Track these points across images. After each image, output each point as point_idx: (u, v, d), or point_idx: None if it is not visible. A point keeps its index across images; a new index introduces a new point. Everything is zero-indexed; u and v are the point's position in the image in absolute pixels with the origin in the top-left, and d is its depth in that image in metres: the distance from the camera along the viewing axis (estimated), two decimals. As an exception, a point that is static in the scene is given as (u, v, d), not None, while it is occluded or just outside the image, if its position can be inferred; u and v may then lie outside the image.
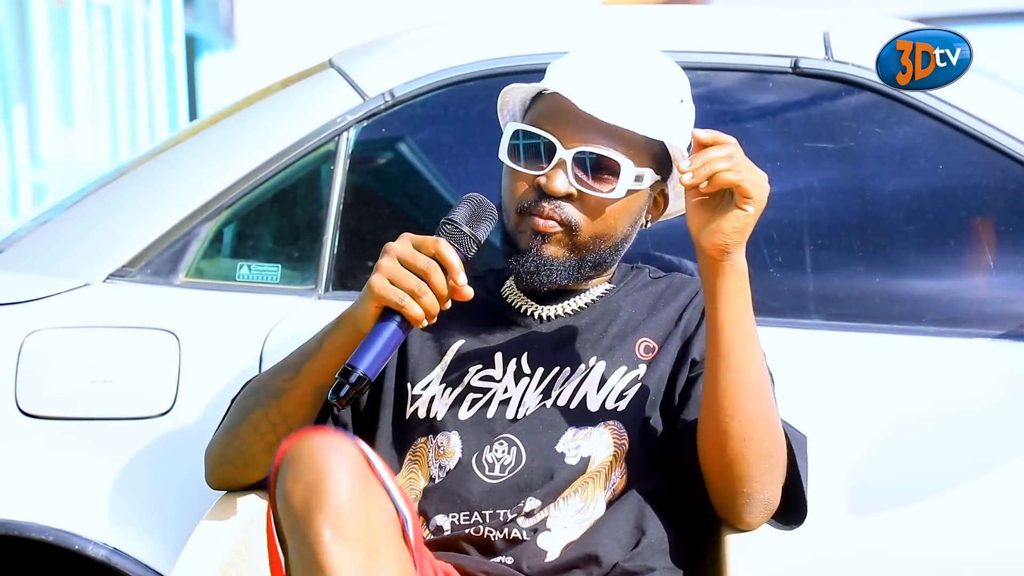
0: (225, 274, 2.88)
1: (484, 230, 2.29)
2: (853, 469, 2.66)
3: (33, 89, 9.38)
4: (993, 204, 2.80)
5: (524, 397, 2.38)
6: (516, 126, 2.39)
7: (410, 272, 2.20)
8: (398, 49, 2.98)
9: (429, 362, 2.43)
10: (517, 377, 2.39)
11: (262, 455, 2.37)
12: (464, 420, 2.37)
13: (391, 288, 2.20)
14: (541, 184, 2.35)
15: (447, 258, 2.21)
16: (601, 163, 2.35)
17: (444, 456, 2.36)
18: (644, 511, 2.32)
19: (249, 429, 2.37)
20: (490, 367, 2.41)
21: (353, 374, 2.18)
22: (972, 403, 2.68)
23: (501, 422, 2.36)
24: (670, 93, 2.40)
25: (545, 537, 2.29)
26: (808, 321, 2.76)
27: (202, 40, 15.18)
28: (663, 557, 2.31)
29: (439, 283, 2.20)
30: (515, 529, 2.30)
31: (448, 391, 2.40)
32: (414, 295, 2.19)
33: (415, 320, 2.20)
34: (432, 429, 2.38)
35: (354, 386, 2.19)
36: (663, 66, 2.42)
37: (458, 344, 2.44)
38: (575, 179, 2.34)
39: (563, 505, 2.31)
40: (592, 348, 2.40)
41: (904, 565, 2.66)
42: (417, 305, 2.19)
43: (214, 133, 3.00)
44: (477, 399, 2.39)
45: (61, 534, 2.69)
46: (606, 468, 2.33)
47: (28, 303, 2.79)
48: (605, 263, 2.42)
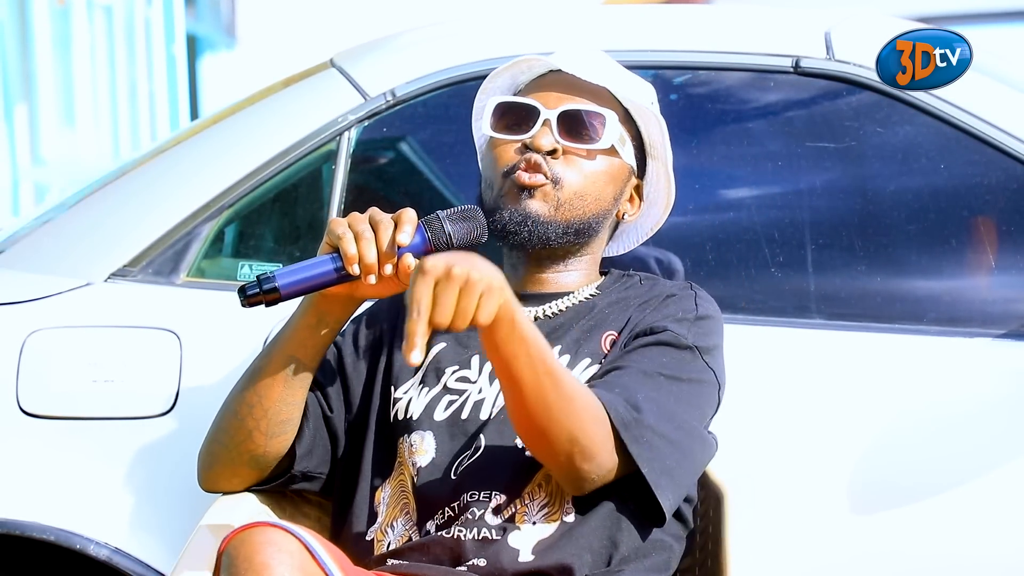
0: (226, 274, 2.88)
1: (460, 230, 2.30)
2: (854, 469, 2.66)
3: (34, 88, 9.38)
4: (994, 203, 2.80)
5: (497, 398, 2.38)
6: (498, 99, 2.45)
7: (367, 222, 2.27)
8: (399, 49, 2.98)
9: (411, 367, 2.43)
10: (491, 378, 2.40)
11: (243, 444, 2.38)
12: (439, 421, 2.38)
13: (341, 223, 2.27)
14: (527, 143, 2.40)
15: (403, 217, 2.26)
16: (585, 120, 2.41)
17: (417, 453, 2.37)
18: (620, 522, 2.32)
19: (229, 415, 2.39)
20: (466, 368, 2.42)
21: (268, 283, 2.25)
22: (973, 403, 2.68)
23: (475, 422, 2.37)
24: (644, 88, 2.50)
25: (516, 536, 2.29)
26: (809, 321, 2.76)
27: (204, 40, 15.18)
28: (639, 565, 2.31)
29: (384, 236, 2.25)
30: (484, 528, 2.30)
31: (425, 391, 2.41)
32: (357, 237, 2.25)
33: (347, 258, 2.24)
34: (407, 428, 2.39)
35: (264, 293, 2.26)
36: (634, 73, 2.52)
37: (439, 347, 2.45)
38: (560, 135, 2.40)
39: (529, 501, 2.31)
40: (561, 343, 2.41)
41: (905, 565, 2.66)
42: (354, 244, 2.24)
43: (215, 133, 3.00)
44: (453, 400, 2.40)
45: (62, 534, 2.69)
46: None
47: (29, 303, 2.79)
48: (590, 229, 2.43)
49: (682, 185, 2.56)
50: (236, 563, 2.06)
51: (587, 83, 2.42)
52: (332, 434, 2.45)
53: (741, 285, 2.77)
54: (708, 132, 2.89)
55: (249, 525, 2.11)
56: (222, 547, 2.10)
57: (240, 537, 2.08)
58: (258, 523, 2.11)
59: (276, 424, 2.37)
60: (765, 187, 2.89)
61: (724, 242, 2.83)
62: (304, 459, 2.43)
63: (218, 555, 2.11)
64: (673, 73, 2.88)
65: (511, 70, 2.50)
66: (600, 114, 2.41)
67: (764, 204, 2.87)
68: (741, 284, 2.78)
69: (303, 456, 2.42)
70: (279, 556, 2.05)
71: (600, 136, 2.41)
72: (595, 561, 2.29)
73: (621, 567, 2.29)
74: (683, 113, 2.85)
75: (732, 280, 2.76)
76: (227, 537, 2.11)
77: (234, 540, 2.09)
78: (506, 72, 2.51)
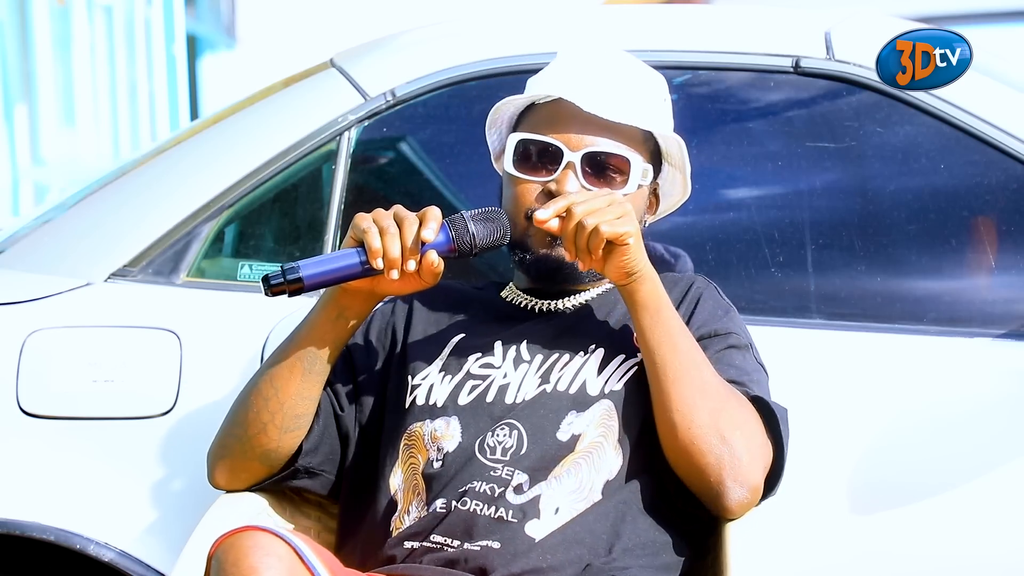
0: (226, 274, 2.88)
1: (484, 231, 2.32)
2: (854, 468, 2.66)
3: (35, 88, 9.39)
4: (994, 203, 2.80)
5: (523, 383, 2.39)
6: (518, 136, 2.42)
7: (392, 217, 2.30)
8: (399, 49, 2.98)
9: (429, 355, 2.45)
10: (516, 363, 2.41)
11: (256, 438, 2.38)
12: (464, 405, 2.38)
13: (366, 218, 2.30)
14: (552, 189, 2.38)
15: (428, 215, 2.29)
16: (609, 162, 2.39)
17: (442, 439, 2.36)
18: (626, 513, 2.32)
19: (243, 409, 2.40)
20: (489, 354, 2.43)
21: (293, 273, 2.28)
22: (973, 403, 2.68)
23: (501, 406, 2.37)
24: (655, 90, 2.47)
25: (534, 525, 2.28)
26: (809, 321, 2.76)
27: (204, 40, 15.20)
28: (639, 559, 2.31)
29: (408, 232, 2.27)
30: (503, 506, 2.29)
31: (447, 378, 2.42)
32: (382, 232, 2.27)
33: (372, 252, 2.27)
34: (431, 414, 2.39)
35: (288, 283, 2.29)
36: (642, 66, 2.48)
37: (458, 337, 2.46)
38: (584, 179, 2.38)
39: (555, 484, 2.30)
40: (591, 336, 2.42)
41: (905, 565, 2.66)
42: (379, 239, 2.27)
43: (215, 133, 3.00)
44: (476, 385, 2.40)
45: (62, 534, 2.69)
46: (598, 448, 2.33)
47: (29, 303, 2.79)
48: None
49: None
50: (224, 567, 2.07)
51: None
52: (342, 433, 2.45)
53: (741, 285, 2.77)
54: (708, 132, 2.89)
55: (239, 529, 2.11)
56: (212, 551, 2.11)
57: (229, 541, 2.09)
58: (247, 527, 2.11)
59: (291, 418, 2.38)
60: (765, 187, 2.89)
61: (724, 242, 2.83)
62: (309, 455, 2.43)
63: (208, 558, 2.12)
64: (673, 73, 2.88)
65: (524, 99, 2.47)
66: (626, 159, 2.40)
67: (764, 204, 2.87)
68: (741, 284, 2.78)
69: (308, 452, 2.42)
70: (267, 560, 2.06)
71: (627, 180, 2.40)
72: (608, 551, 2.29)
73: (628, 562, 2.29)
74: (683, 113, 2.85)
75: (732, 280, 2.76)
76: (217, 541, 2.11)
77: (223, 544, 2.10)
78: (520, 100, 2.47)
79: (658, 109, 2.45)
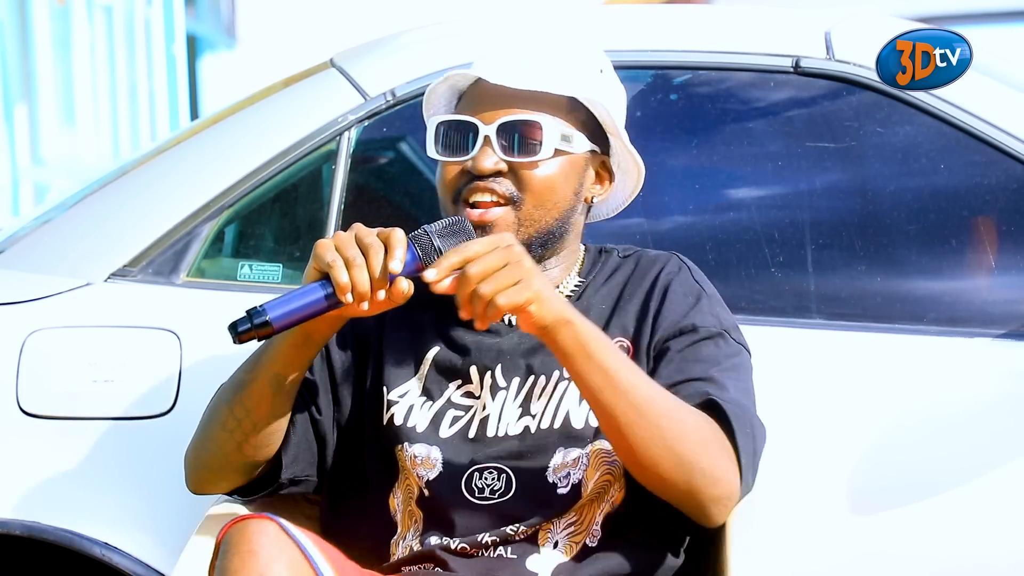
0: (226, 274, 2.88)
1: (449, 245, 2.22)
2: (854, 469, 2.66)
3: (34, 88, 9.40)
4: (994, 203, 2.80)
5: (503, 412, 2.36)
6: (437, 119, 2.39)
7: (356, 245, 2.19)
8: (399, 49, 2.98)
9: (405, 369, 2.41)
10: (493, 392, 2.38)
11: (232, 455, 2.37)
12: (446, 438, 2.36)
13: (330, 249, 2.18)
14: (469, 167, 2.35)
15: (392, 241, 2.18)
16: (522, 130, 2.34)
17: (423, 466, 2.35)
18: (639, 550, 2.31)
19: (217, 427, 2.37)
20: (468, 383, 2.39)
21: (260, 316, 2.16)
22: (973, 403, 2.68)
23: (483, 442, 2.35)
24: (585, 60, 2.41)
25: (535, 559, 2.29)
26: (810, 321, 2.76)
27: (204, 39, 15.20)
28: None
29: (375, 263, 2.17)
30: (501, 547, 2.30)
31: (428, 404, 2.39)
32: (348, 263, 2.17)
33: (340, 287, 2.16)
34: (409, 437, 2.37)
35: (256, 328, 2.16)
36: (578, 39, 2.43)
37: (433, 351, 2.41)
38: (502, 151, 2.34)
39: (556, 521, 2.32)
40: None
41: (905, 565, 2.66)
42: (346, 273, 2.16)
43: (215, 132, 3.00)
44: (459, 417, 2.38)
45: (62, 534, 2.69)
46: (601, 489, 2.34)
47: (29, 303, 2.79)
48: (554, 236, 2.38)
49: (682, 185, 2.57)
50: (228, 550, 2.10)
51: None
52: (319, 436, 2.43)
53: (741, 285, 2.77)
54: (708, 132, 2.89)
55: (246, 516, 2.13)
56: (220, 536, 2.13)
57: (236, 526, 2.11)
58: (255, 515, 2.13)
59: (264, 436, 2.35)
60: (765, 187, 2.89)
61: (724, 242, 2.82)
62: (291, 467, 2.40)
63: (216, 543, 2.14)
64: (673, 73, 2.88)
65: (447, 83, 2.44)
66: (535, 122, 2.34)
67: (764, 204, 2.87)
68: (741, 284, 2.78)
69: (289, 464, 2.40)
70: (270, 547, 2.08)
71: (540, 146, 2.34)
72: None
73: None
74: (683, 113, 2.85)
75: (732, 280, 2.76)
76: (225, 526, 2.13)
77: (231, 529, 2.12)
78: (443, 85, 2.44)
79: (585, 77, 2.38)
